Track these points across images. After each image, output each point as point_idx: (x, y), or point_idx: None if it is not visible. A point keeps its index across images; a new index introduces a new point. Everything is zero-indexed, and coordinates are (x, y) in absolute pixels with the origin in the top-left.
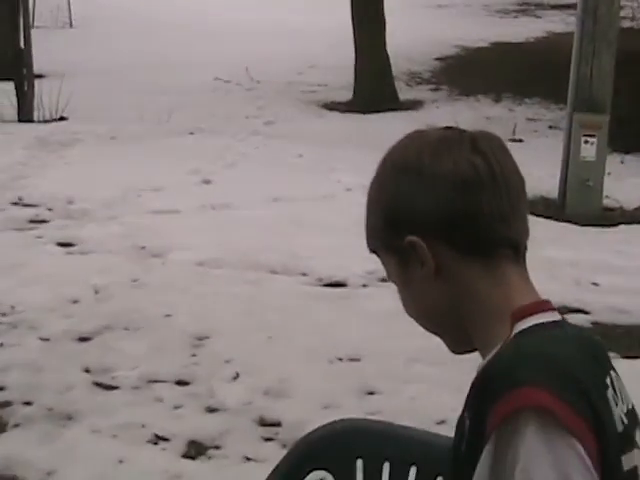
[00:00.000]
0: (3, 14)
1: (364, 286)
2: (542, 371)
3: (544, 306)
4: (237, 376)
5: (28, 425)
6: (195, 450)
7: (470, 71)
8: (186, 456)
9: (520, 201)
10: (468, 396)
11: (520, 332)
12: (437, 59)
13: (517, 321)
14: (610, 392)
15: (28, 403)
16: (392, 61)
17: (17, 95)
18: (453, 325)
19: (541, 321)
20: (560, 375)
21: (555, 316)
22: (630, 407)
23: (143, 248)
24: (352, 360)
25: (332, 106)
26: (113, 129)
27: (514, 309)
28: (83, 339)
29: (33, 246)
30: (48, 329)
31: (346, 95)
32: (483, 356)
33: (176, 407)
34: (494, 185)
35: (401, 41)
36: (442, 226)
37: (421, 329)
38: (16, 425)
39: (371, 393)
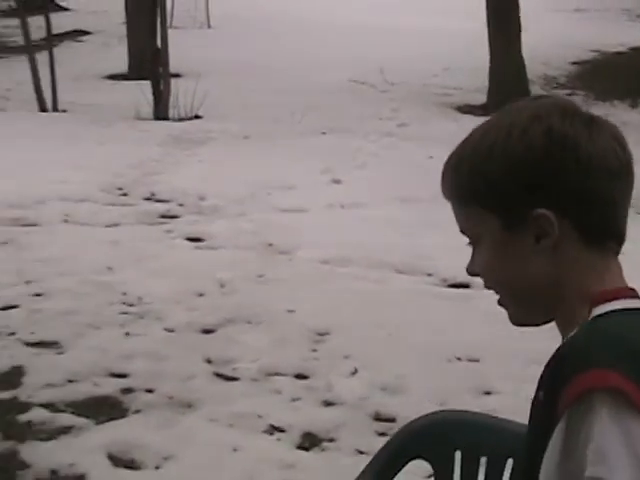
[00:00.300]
0: (142, 16)
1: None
2: (614, 353)
3: (627, 293)
4: (355, 371)
5: (148, 411)
6: (309, 442)
7: (607, 76)
8: (300, 447)
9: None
10: (542, 376)
11: (598, 316)
12: (573, 63)
13: (596, 305)
14: None
15: (150, 390)
16: (527, 65)
17: (153, 93)
18: (539, 299)
19: (620, 307)
20: (631, 356)
21: (638, 303)
22: None
23: (271, 245)
24: (470, 360)
25: (466, 109)
26: (246, 128)
27: (596, 293)
28: (206, 331)
29: (163, 240)
30: (173, 320)
31: (480, 98)
32: (563, 336)
33: (293, 399)
34: (628, 178)
35: (537, 44)
36: (579, 207)
37: (543, 333)
38: (137, 411)
39: (488, 393)
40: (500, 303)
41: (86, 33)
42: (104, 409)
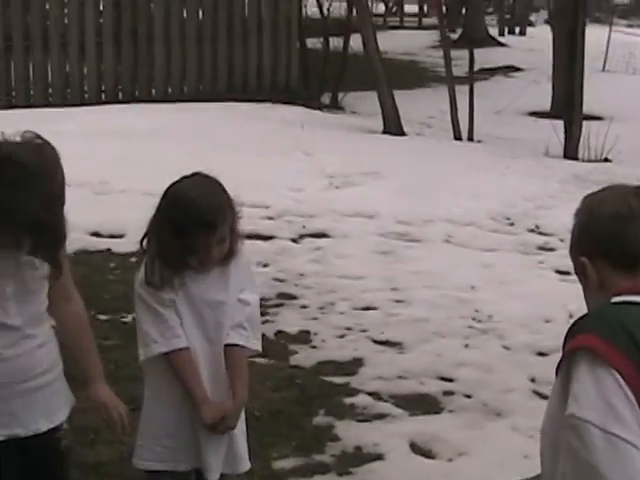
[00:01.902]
0: (566, 56)
1: None
2: (599, 324)
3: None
4: None
5: (460, 413)
6: None
7: None
8: None
9: None
10: None
11: (612, 302)
12: None
13: (615, 296)
14: None
15: (468, 396)
16: None
17: (565, 133)
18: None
19: (631, 300)
20: (613, 327)
21: None
22: None
23: None
24: None
25: None
26: None
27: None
28: (541, 354)
29: (532, 269)
30: (512, 340)
31: None
32: None
33: None
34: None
35: None
36: (602, 246)
37: None
38: (450, 411)
39: None
40: None
41: (518, 69)
42: (422, 405)
